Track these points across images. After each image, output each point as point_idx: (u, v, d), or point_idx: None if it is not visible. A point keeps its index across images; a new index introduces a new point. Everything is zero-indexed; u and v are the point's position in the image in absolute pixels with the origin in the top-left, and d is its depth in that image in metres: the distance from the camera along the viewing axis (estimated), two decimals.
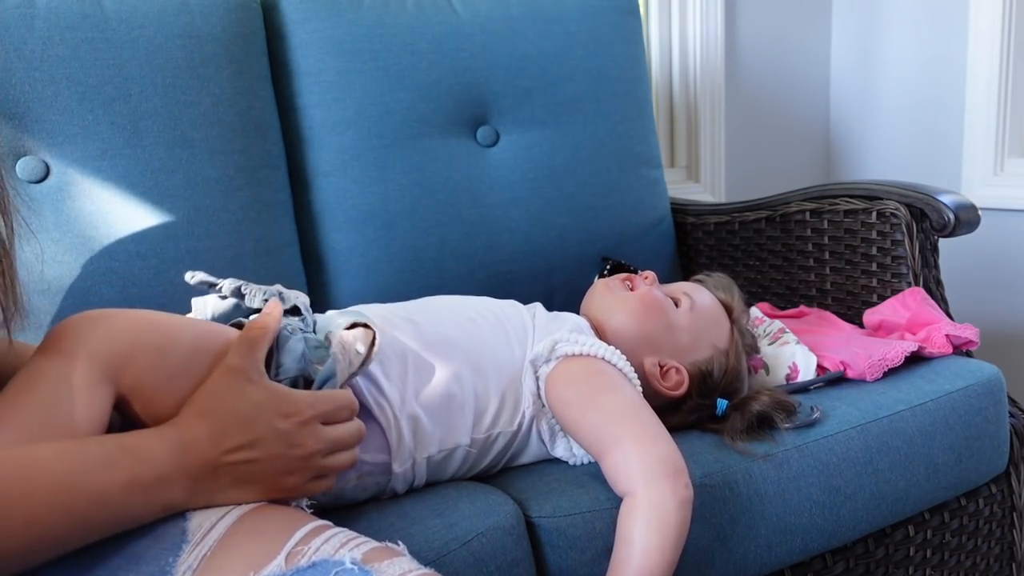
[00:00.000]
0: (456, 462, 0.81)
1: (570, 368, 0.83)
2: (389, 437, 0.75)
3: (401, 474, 0.77)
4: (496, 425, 0.82)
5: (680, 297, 0.95)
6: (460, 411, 0.80)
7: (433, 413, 0.78)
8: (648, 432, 0.78)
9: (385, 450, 0.76)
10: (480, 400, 0.81)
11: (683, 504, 0.74)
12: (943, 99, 1.78)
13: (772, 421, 0.89)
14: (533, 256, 1.30)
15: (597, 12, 1.39)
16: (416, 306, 0.88)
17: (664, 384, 0.90)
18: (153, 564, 0.53)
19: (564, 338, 0.85)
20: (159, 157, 1.04)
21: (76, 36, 1.00)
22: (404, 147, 1.22)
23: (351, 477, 0.74)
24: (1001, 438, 1.06)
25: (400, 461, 0.76)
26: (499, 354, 0.84)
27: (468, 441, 0.81)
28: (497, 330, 0.87)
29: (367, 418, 0.74)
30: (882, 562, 1.00)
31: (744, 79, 1.88)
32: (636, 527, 0.73)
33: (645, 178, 1.42)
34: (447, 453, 0.80)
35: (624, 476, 0.76)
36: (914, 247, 1.16)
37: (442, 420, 0.79)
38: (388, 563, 0.53)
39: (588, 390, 0.81)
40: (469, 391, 0.81)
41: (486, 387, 0.82)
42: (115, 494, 0.52)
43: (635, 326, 0.91)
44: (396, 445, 0.76)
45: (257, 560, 0.53)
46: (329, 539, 0.55)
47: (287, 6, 1.19)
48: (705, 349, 0.93)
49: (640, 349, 0.90)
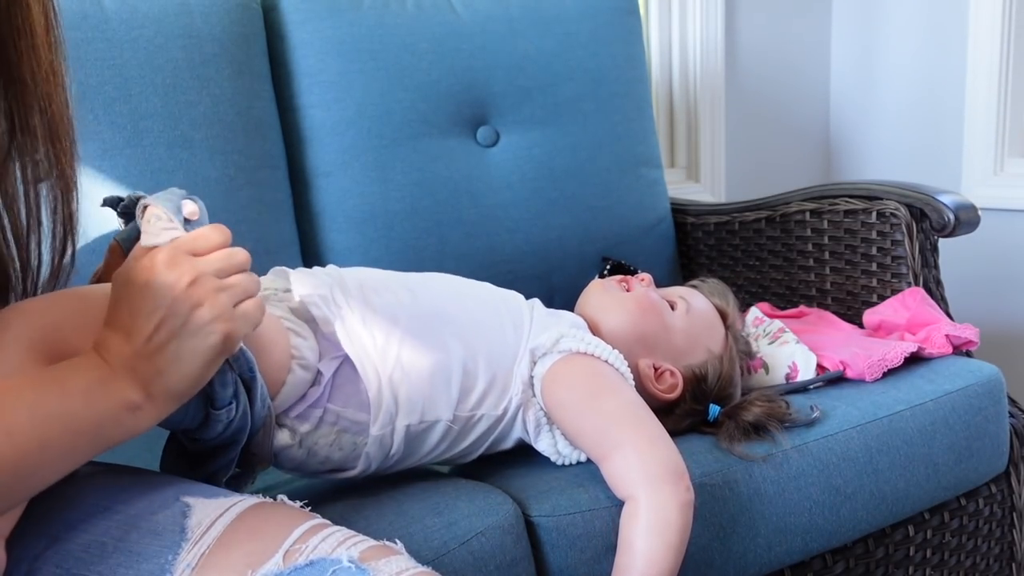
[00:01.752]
0: (435, 436, 0.80)
1: (569, 368, 0.82)
2: (369, 394, 0.74)
3: (378, 438, 0.76)
4: (481, 406, 0.81)
5: (676, 300, 0.95)
6: (445, 384, 0.79)
7: (416, 380, 0.77)
8: (648, 436, 0.77)
9: (365, 408, 0.75)
10: (467, 377, 0.80)
11: (685, 508, 0.73)
12: (943, 99, 1.78)
13: (765, 428, 0.89)
14: (533, 256, 1.30)
15: (597, 12, 1.39)
16: (417, 279, 0.87)
17: (658, 386, 0.89)
18: (152, 561, 0.54)
19: (569, 333, 0.84)
20: (159, 157, 1.04)
21: (76, 36, 1.00)
22: (404, 147, 1.22)
23: (326, 430, 0.73)
24: (1001, 438, 1.06)
25: (379, 424, 0.75)
26: (493, 335, 0.83)
27: (451, 416, 0.79)
28: (494, 312, 0.85)
29: (350, 372, 0.74)
30: (882, 562, 1.00)
31: (744, 79, 1.88)
32: (638, 532, 0.72)
33: (645, 178, 1.42)
34: (427, 426, 0.78)
35: (625, 481, 0.75)
36: (914, 247, 1.16)
37: (425, 390, 0.78)
38: (385, 561, 0.53)
39: (587, 393, 0.81)
40: (457, 365, 0.79)
41: (475, 365, 0.81)
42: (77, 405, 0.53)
43: (631, 327, 0.91)
44: (376, 404, 0.74)
45: (255, 558, 0.53)
46: (327, 537, 0.55)
47: (287, 6, 1.19)
48: (700, 353, 0.93)
49: (635, 350, 0.89)
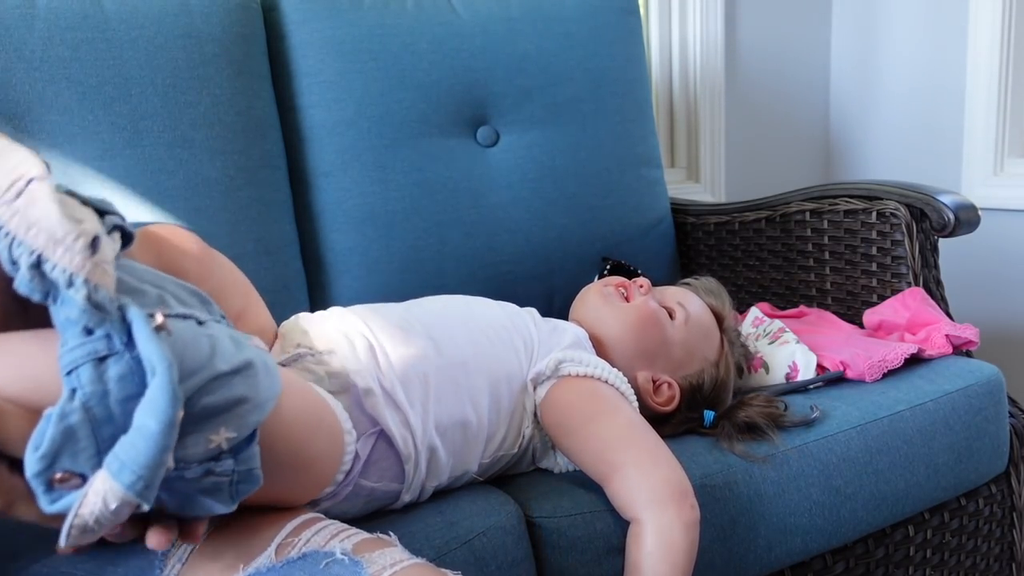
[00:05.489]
0: (459, 484, 0.80)
1: (566, 392, 0.81)
2: (406, 468, 0.73)
3: (408, 500, 0.75)
4: (502, 448, 0.81)
5: (674, 308, 0.93)
6: (474, 440, 0.78)
7: (449, 444, 0.76)
8: (649, 456, 0.76)
9: (399, 479, 0.73)
10: (491, 426, 0.79)
11: (689, 527, 0.73)
12: (943, 99, 1.78)
13: (761, 429, 0.88)
14: (533, 256, 1.30)
15: (597, 12, 1.39)
16: (429, 316, 0.83)
17: (656, 400, 0.89)
18: (142, 557, 0.53)
19: (568, 357, 0.83)
20: (159, 157, 1.04)
21: (76, 36, 1.00)
22: (404, 147, 1.21)
23: (356, 503, 0.72)
24: (1001, 438, 1.06)
25: (411, 492, 0.74)
26: (512, 371, 0.82)
27: (476, 468, 0.79)
28: (509, 346, 0.83)
29: (384, 447, 0.71)
30: (882, 562, 1.00)
31: (744, 79, 1.88)
32: (643, 555, 0.72)
33: (645, 178, 1.42)
34: (454, 479, 0.78)
35: (628, 502, 0.75)
36: (914, 247, 1.16)
37: (457, 450, 0.77)
38: (379, 553, 0.53)
39: (585, 416, 0.79)
40: (484, 418, 0.78)
41: (499, 412, 0.80)
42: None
43: (632, 340, 0.90)
44: (412, 476, 0.73)
45: (247, 552, 0.52)
46: (319, 531, 0.54)
47: (287, 6, 1.19)
48: (697, 363, 0.92)
49: (634, 363, 0.89)
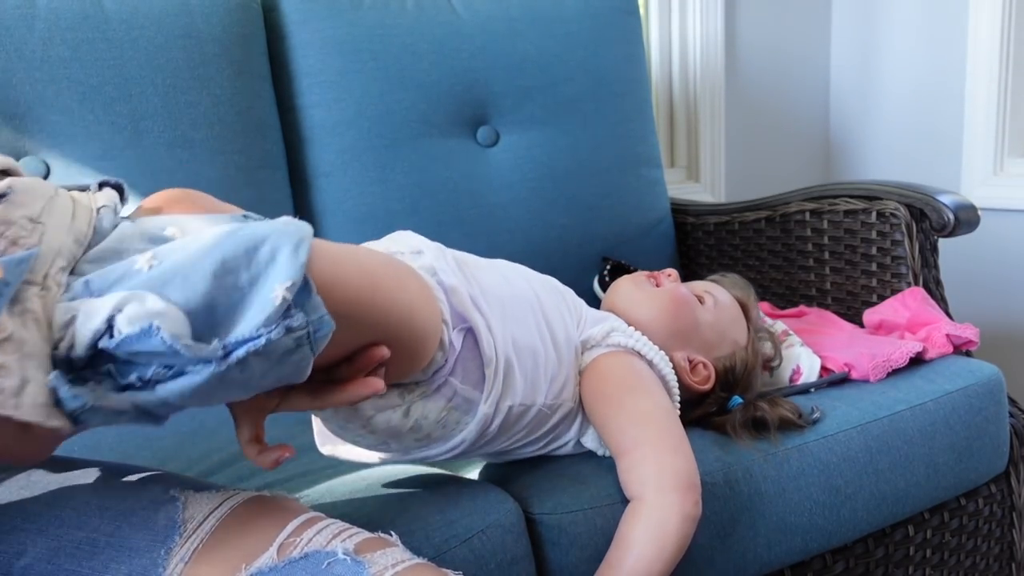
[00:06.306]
0: (525, 421, 0.79)
1: (612, 361, 0.83)
2: (487, 372, 0.72)
3: (483, 417, 0.74)
4: (562, 394, 0.81)
5: (703, 295, 0.96)
6: (543, 369, 0.78)
7: (523, 363, 0.76)
8: (671, 442, 0.77)
9: (479, 386, 0.72)
10: (555, 366, 0.80)
11: (687, 521, 0.73)
12: (943, 99, 1.78)
13: (767, 428, 0.89)
14: (533, 256, 1.30)
15: (597, 12, 1.39)
16: (496, 263, 0.85)
17: (693, 379, 0.90)
18: (145, 556, 0.53)
19: (619, 328, 0.84)
20: (159, 157, 1.04)
21: (76, 36, 1.00)
22: (404, 147, 1.22)
23: (440, 404, 0.71)
24: (1001, 438, 1.05)
25: (489, 402, 0.73)
26: (568, 324, 0.83)
27: (543, 402, 0.79)
28: (563, 304, 0.85)
29: (471, 346, 0.72)
30: (882, 562, 1.00)
31: (744, 79, 1.88)
32: (636, 532, 0.72)
33: (645, 178, 1.42)
34: (524, 409, 0.77)
35: (636, 480, 0.75)
36: (914, 247, 1.16)
37: (530, 372, 0.77)
38: (380, 553, 0.53)
39: (624, 387, 0.81)
40: (551, 352, 0.79)
41: (559, 354, 0.81)
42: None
43: (666, 321, 0.91)
44: (491, 382, 0.73)
45: (249, 552, 0.52)
46: (321, 530, 0.54)
47: (287, 7, 1.19)
48: (727, 345, 0.94)
49: (670, 344, 0.90)
